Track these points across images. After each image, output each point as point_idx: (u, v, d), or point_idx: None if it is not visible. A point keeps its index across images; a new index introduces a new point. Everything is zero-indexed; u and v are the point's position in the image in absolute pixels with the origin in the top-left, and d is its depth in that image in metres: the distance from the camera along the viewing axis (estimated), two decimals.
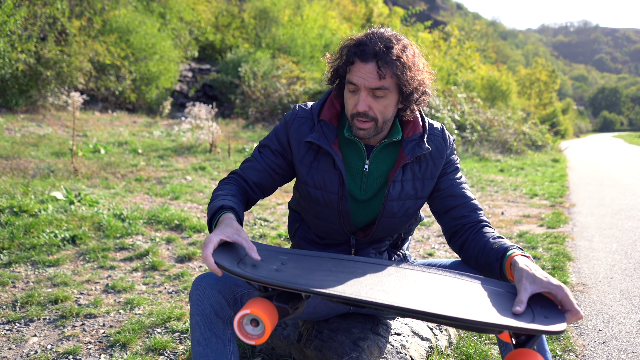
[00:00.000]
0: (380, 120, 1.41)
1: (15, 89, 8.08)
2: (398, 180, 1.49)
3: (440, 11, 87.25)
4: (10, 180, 4.35)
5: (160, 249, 3.22)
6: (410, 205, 1.53)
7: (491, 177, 7.42)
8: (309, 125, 1.51)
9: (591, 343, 2.13)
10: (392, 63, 1.33)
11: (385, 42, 1.35)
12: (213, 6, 15.62)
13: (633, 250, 3.57)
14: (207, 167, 5.80)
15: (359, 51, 1.34)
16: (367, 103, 1.37)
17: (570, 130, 37.54)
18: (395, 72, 1.34)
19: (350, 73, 1.37)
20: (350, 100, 1.41)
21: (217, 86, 12.71)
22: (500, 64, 37.39)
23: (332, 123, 1.50)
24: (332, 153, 1.46)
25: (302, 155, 1.51)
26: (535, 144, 13.52)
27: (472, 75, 17.86)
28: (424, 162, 1.51)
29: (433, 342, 1.86)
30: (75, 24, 9.07)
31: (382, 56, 1.33)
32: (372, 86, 1.35)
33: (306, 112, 1.54)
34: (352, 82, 1.37)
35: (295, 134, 1.51)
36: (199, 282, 1.40)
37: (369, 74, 1.34)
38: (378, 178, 1.52)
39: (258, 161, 1.55)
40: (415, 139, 1.50)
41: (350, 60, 1.37)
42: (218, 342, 1.35)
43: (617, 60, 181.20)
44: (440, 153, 1.53)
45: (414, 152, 1.48)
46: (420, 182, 1.52)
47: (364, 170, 1.51)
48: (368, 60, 1.33)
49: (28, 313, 2.25)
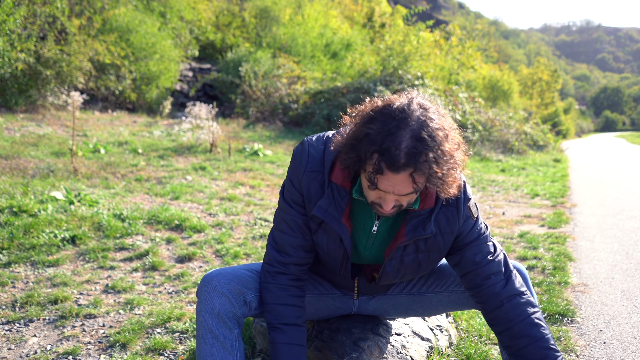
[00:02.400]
0: (405, 207, 1.27)
1: (15, 89, 8.07)
2: (397, 257, 1.37)
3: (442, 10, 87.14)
4: (10, 180, 4.35)
5: (160, 249, 3.22)
6: (410, 273, 1.44)
7: (492, 177, 7.40)
8: (319, 181, 1.32)
9: (592, 343, 2.12)
10: (425, 169, 1.12)
11: (421, 142, 1.11)
12: (214, 5, 15.60)
13: (634, 250, 3.56)
14: (208, 167, 5.79)
15: (389, 159, 1.11)
16: (393, 202, 1.21)
17: (572, 130, 37.46)
18: (428, 176, 1.14)
19: (375, 183, 1.16)
20: (371, 193, 1.22)
21: (218, 86, 12.70)
22: (502, 63, 37.33)
23: (345, 187, 1.31)
24: (339, 232, 1.31)
25: (311, 215, 1.36)
26: (536, 144, 13.49)
27: (473, 75, 17.83)
28: (431, 237, 1.35)
29: (433, 343, 1.85)
30: (75, 23, 9.06)
31: (417, 164, 1.11)
32: (403, 193, 1.18)
33: (315, 163, 1.32)
34: (379, 189, 1.18)
35: (307, 191, 1.33)
36: (209, 280, 1.38)
37: (401, 184, 1.15)
38: (385, 239, 1.42)
39: (297, 235, 1.38)
40: (423, 215, 1.32)
41: (377, 169, 1.13)
42: (225, 341, 1.34)
43: (619, 60, 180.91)
44: (450, 227, 1.35)
45: (414, 234, 1.32)
46: (424, 255, 1.39)
47: (372, 231, 1.39)
48: (400, 170, 1.12)
49: (28, 313, 2.25)
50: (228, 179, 5.44)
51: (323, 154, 1.33)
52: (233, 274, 1.40)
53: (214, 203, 4.41)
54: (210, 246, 3.32)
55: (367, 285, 1.55)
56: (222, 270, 1.42)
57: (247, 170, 5.96)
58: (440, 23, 18.52)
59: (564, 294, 2.66)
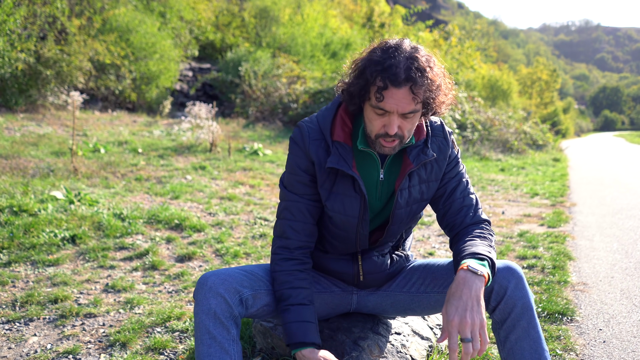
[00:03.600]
0: (406, 137, 1.39)
1: (15, 88, 8.07)
2: (405, 187, 1.49)
3: (442, 10, 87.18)
4: (10, 179, 4.35)
5: (160, 248, 3.22)
6: (416, 208, 1.55)
7: (492, 176, 7.41)
8: (323, 147, 1.46)
9: (592, 342, 2.13)
10: (424, 85, 1.30)
11: (415, 62, 1.30)
12: (213, 5, 15.60)
13: (634, 249, 3.56)
14: (207, 167, 5.79)
15: (391, 75, 1.28)
16: (397, 124, 1.34)
17: (571, 130, 37.49)
18: (427, 94, 1.33)
19: (382, 99, 1.31)
20: (376, 122, 1.36)
21: (218, 85, 12.70)
22: (501, 63, 37.36)
23: (347, 144, 1.45)
24: (356, 177, 1.43)
25: (323, 180, 1.47)
26: (536, 143, 13.51)
27: (473, 75, 17.84)
28: (429, 165, 1.51)
29: (433, 342, 1.86)
30: (75, 23, 9.06)
31: (415, 79, 1.28)
32: (406, 111, 1.32)
33: (315, 132, 1.47)
34: (383, 109, 1.32)
35: (316, 157, 1.45)
36: (204, 281, 1.39)
37: (403, 100, 1.30)
38: (390, 185, 1.52)
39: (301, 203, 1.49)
40: (420, 145, 1.48)
41: (382, 86, 1.29)
42: (223, 341, 1.35)
43: (618, 60, 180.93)
44: (443, 154, 1.52)
45: (419, 160, 1.46)
46: (425, 185, 1.53)
47: (380, 179, 1.50)
48: (401, 85, 1.28)
49: (28, 312, 2.25)
50: (228, 178, 5.44)
51: (318, 124, 1.48)
52: (227, 274, 1.43)
53: (214, 202, 4.42)
54: (210, 245, 3.32)
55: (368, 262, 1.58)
56: (217, 271, 1.44)
57: (246, 169, 5.97)
58: (440, 23, 18.53)
59: (564, 293, 2.67)
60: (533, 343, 1.37)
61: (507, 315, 1.39)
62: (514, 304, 1.38)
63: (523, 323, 1.37)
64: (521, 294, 1.38)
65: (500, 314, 1.40)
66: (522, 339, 1.37)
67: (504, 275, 1.40)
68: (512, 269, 1.41)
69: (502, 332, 1.41)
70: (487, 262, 1.33)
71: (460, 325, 1.22)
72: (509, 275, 1.40)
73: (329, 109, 1.50)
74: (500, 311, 1.40)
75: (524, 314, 1.37)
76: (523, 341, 1.37)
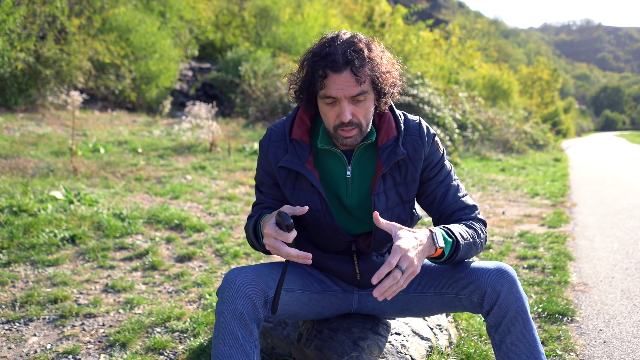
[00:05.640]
0: (364, 124, 1.40)
1: (15, 88, 8.07)
2: (381, 191, 1.48)
3: (442, 10, 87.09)
4: (10, 179, 4.35)
5: (160, 248, 3.22)
6: (400, 211, 1.53)
7: (492, 176, 7.41)
8: (284, 147, 1.49)
9: (592, 343, 2.12)
10: (364, 65, 1.31)
11: (351, 46, 1.32)
12: (213, 5, 15.60)
13: (634, 249, 3.56)
14: (207, 167, 5.79)
15: (330, 62, 1.30)
16: (349, 111, 1.34)
17: (572, 130, 37.48)
18: (370, 73, 1.33)
19: (326, 87, 1.33)
20: (330, 113, 1.38)
21: (217, 85, 12.70)
22: (501, 62, 37.31)
23: (303, 141, 1.48)
24: (306, 173, 1.44)
25: (283, 180, 1.50)
26: (536, 143, 13.51)
27: (473, 74, 17.84)
28: (403, 166, 1.49)
29: (433, 342, 1.85)
30: (75, 23, 9.05)
31: (353, 61, 1.30)
32: (353, 94, 1.32)
33: (279, 134, 1.51)
34: (329, 96, 1.33)
35: (274, 159, 1.50)
36: (232, 280, 1.36)
37: (347, 83, 1.31)
38: (362, 183, 1.51)
39: (267, 201, 1.56)
40: (390, 145, 1.46)
41: (322, 74, 1.32)
42: (245, 343, 1.33)
43: (619, 59, 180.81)
44: (418, 154, 1.49)
45: (390, 160, 1.45)
46: (403, 187, 1.51)
47: (347, 177, 1.50)
48: (341, 69, 1.30)
49: (27, 313, 2.25)
50: (228, 178, 5.44)
51: (283, 126, 1.52)
52: (255, 274, 1.39)
53: (214, 202, 4.41)
54: (210, 245, 3.32)
55: (366, 261, 1.58)
56: (244, 269, 1.40)
57: (246, 169, 5.96)
58: (440, 22, 18.53)
59: (564, 293, 2.66)
60: (529, 347, 1.36)
61: (502, 319, 1.37)
62: (507, 308, 1.36)
63: (518, 327, 1.36)
64: (515, 297, 1.36)
65: (494, 318, 1.39)
66: (518, 342, 1.36)
67: (497, 279, 1.38)
68: (505, 272, 1.39)
69: (497, 335, 1.39)
70: (452, 242, 1.36)
71: (406, 255, 1.23)
72: (502, 278, 1.38)
73: (293, 110, 1.54)
74: (494, 315, 1.38)
75: (518, 317, 1.36)
76: (518, 345, 1.36)
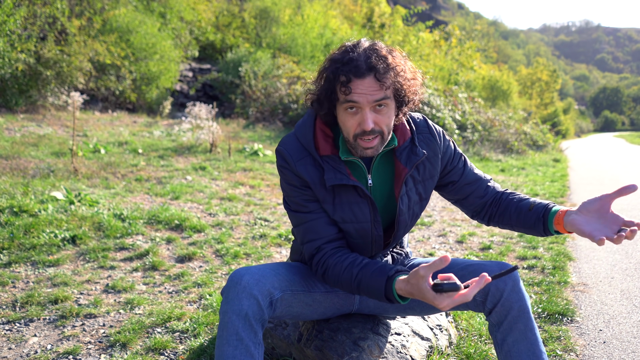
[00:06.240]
0: (386, 133, 1.36)
1: (15, 89, 8.08)
2: (404, 193, 1.46)
3: (442, 11, 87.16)
4: (10, 180, 4.35)
5: (161, 249, 3.22)
6: (418, 209, 1.54)
7: (492, 176, 7.41)
8: (312, 163, 1.42)
9: (592, 343, 2.13)
10: (388, 71, 1.30)
11: (374, 52, 1.30)
12: (213, 6, 15.62)
13: (634, 250, 3.56)
14: (208, 167, 5.79)
15: (353, 68, 1.28)
16: (371, 119, 1.31)
17: (571, 130, 37.49)
18: (393, 79, 1.31)
19: (348, 93, 1.30)
20: (351, 122, 1.33)
21: (218, 86, 12.71)
22: (501, 63, 37.36)
23: (334, 155, 1.42)
24: (358, 185, 1.40)
25: (323, 196, 1.43)
26: (536, 144, 13.52)
27: (473, 75, 17.85)
28: (421, 164, 1.49)
29: (433, 342, 1.86)
30: (75, 24, 9.07)
31: (377, 67, 1.28)
32: (376, 99, 1.30)
33: (298, 151, 1.43)
34: (352, 101, 1.30)
35: (308, 176, 1.41)
36: (238, 280, 1.35)
37: (370, 88, 1.28)
38: (383, 188, 1.49)
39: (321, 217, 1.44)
40: (407, 146, 1.46)
41: (345, 80, 1.29)
42: (249, 344, 1.32)
43: (618, 60, 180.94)
44: (433, 151, 1.50)
45: (411, 161, 1.44)
46: (422, 185, 1.51)
47: (369, 185, 1.47)
48: (365, 75, 1.28)
49: (28, 313, 2.25)
50: (228, 179, 5.44)
51: (299, 141, 1.45)
52: (261, 274, 1.38)
53: (214, 203, 4.42)
54: (211, 246, 3.32)
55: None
56: (250, 269, 1.39)
57: (247, 170, 5.97)
58: (440, 23, 18.55)
59: (564, 294, 2.67)
60: (531, 346, 1.37)
61: (504, 318, 1.38)
62: (510, 307, 1.37)
63: (520, 326, 1.37)
64: (517, 296, 1.38)
65: (496, 317, 1.40)
66: (520, 341, 1.37)
67: (500, 278, 1.38)
68: None
69: (499, 334, 1.40)
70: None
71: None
72: (505, 277, 1.39)
73: (305, 123, 1.45)
74: (497, 314, 1.39)
75: (520, 316, 1.37)
76: (520, 344, 1.37)
